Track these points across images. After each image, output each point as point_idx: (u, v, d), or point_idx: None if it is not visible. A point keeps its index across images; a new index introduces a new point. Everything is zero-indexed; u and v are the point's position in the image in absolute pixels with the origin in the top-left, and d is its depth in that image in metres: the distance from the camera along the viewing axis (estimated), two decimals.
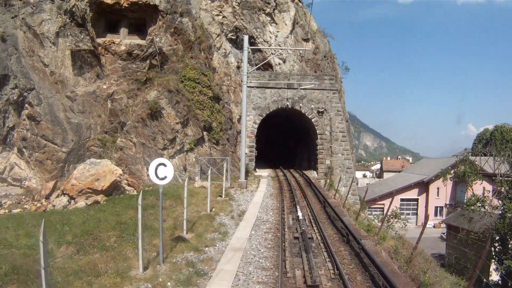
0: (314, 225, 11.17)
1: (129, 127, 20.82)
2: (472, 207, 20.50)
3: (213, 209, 12.48)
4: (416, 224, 48.09)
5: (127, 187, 17.85)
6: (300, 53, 30.46)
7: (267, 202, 14.57)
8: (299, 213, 11.60)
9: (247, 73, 18.75)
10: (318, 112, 25.56)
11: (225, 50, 27.28)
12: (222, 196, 14.64)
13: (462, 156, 49.63)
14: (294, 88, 25.97)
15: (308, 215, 12.58)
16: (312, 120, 25.66)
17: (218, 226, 10.47)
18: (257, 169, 26.73)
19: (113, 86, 24.38)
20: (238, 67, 27.53)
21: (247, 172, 23.38)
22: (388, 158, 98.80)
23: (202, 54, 24.56)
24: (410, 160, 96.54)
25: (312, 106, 25.70)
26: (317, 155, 25.44)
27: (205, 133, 21.92)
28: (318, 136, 25.46)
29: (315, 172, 25.90)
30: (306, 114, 25.74)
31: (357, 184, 44.02)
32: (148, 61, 24.47)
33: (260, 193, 16.68)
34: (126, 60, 24.71)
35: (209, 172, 11.70)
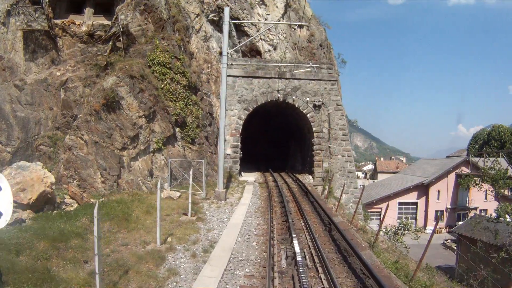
0: (319, 268, 7.23)
1: (80, 121, 16.63)
2: (502, 219, 16.96)
3: (169, 239, 8.44)
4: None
5: (68, 200, 13.66)
6: (293, 39, 26.58)
7: (250, 223, 10.56)
8: (296, 247, 7.68)
9: (227, 53, 14.71)
10: (315, 106, 21.67)
11: (206, 33, 23.20)
12: (187, 215, 10.55)
13: (465, 157, 46.75)
14: (287, 78, 22.05)
15: (309, 246, 8.64)
16: (308, 115, 21.76)
17: (165, 276, 6.43)
18: (242, 173, 22.73)
19: (68, 73, 20.20)
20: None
21: (230, 177, 19.36)
22: (382, 159, 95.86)
23: (177, 35, 20.45)
24: (404, 161, 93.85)
25: (308, 99, 21.80)
26: (313, 156, 21.54)
27: (177, 129, 17.82)
28: (315, 134, 21.58)
29: (310, 176, 22.00)
30: (301, 108, 21.84)
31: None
32: (110, 43, 20.29)
33: (242, 207, 12.67)
34: (87, 43, 20.57)
35: (159, 183, 7.56)
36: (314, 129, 21.59)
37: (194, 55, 21.90)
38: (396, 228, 22.92)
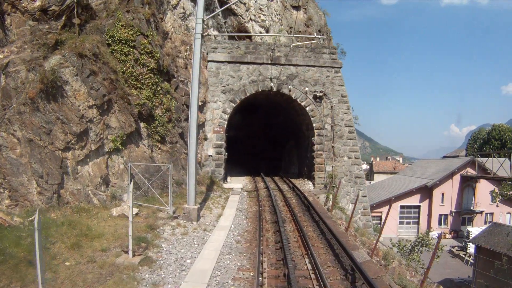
0: None
1: (11, 113, 12.65)
2: None
3: None
4: (418, 234, 41.93)
5: None
6: (288, 22, 22.87)
7: (227, 266, 6.77)
8: None
9: (203, 20, 10.90)
10: (315, 97, 17.99)
11: (184, 10, 19.32)
12: (128, 253, 6.74)
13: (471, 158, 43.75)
14: (281, 64, 18.34)
15: None
16: (307, 108, 18.06)
17: None
18: (228, 178, 18.93)
19: (12, 55, 16.13)
20: (203, 36, 19.63)
21: (211, 185, 15.57)
22: (378, 159, 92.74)
23: (146, 9, 16.57)
24: (401, 161, 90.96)
25: (307, 89, 18.11)
26: (313, 158, 17.86)
27: (142, 124, 13.95)
28: (315, 131, 17.90)
29: (310, 182, 18.32)
30: (298, 100, 18.14)
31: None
32: (64, 18, 16.29)
33: (220, 233, 8.88)
34: (39, 21, 16.47)
35: (34, 219, 3.78)
36: (314, 125, 17.90)
37: (170, 35, 18.03)
38: (413, 243, 19.64)
